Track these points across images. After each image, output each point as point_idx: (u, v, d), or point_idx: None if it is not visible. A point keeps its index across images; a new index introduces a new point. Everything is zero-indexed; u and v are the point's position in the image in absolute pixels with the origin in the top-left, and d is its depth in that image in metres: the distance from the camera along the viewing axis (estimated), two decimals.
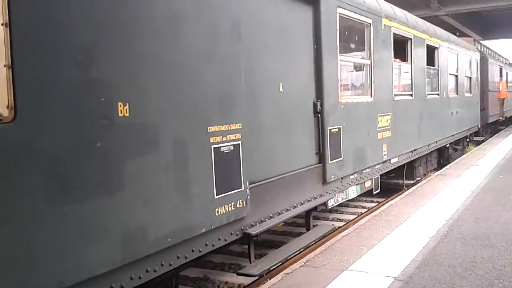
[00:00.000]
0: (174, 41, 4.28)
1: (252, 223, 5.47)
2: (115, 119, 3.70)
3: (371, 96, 8.82)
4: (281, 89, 6.18)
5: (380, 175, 9.60)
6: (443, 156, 15.41)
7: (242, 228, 5.29)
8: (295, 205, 6.41)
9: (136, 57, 3.90)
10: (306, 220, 7.03)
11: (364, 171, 8.64)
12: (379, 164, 9.32)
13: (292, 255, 6.04)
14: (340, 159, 7.56)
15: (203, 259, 5.99)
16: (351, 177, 8.18)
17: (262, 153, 5.76)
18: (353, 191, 8.38)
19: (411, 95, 11.11)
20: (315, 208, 6.97)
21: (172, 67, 4.24)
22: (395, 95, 9.99)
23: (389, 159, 9.85)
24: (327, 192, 7.32)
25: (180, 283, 6.22)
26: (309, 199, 6.77)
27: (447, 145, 15.29)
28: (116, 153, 3.72)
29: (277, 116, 6.08)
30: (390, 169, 10.05)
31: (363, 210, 10.48)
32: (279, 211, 6.02)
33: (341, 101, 7.64)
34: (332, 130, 7.34)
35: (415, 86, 11.28)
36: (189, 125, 4.42)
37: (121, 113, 3.74)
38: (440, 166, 14.66)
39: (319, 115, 7.03)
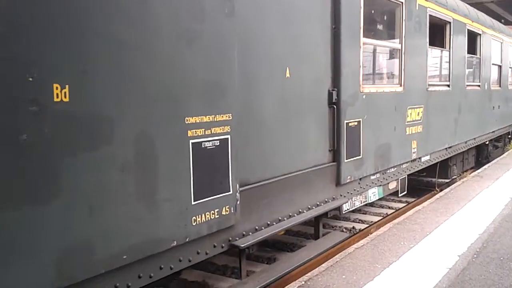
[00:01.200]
0: (138, 17, 3.42)
1: (244, 233, 4.62)
2: (49, 105, 2.89)
3: (401, 86, 7.76)
4: (287, 75, 5.25)
5: (408, 175, 8.56)
6: (481, 154, 14.12)
7: (230, 239, 4.45)
8: (301, 210, 5.51)
9: (80, 31, 3.06)
10: (315, 227, 6.13)
11: (388, 171, 7.64)
12: (406, 163, 8.27)
13: (292, 271, 5.17)
14: (358, 157, 6.59)
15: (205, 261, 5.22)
16: (372, 177, 7.19)
17: (260, 150, 4.88)
18: (374, 194, 7.40)
19: (448, 85, 9.94)
20: (325, 214, 6.05)
21: (134, 47, 3.39)
22: (429, 85, 8.86)
23: (419, 158, 8.78)
24: (341, 195, 6.38)
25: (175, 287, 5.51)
26: (318, 203, 5.86)
27: (487, 142, 13.98)
28: (50, 148, 2.91)
29: (281, 106, 5.17)
30: (419, 168, 8.97)
31: (389, 211, 9.48)
32: (280, 218, 5.14)
33: (363, 90, 6.64)
34: (350, 124, 6.37)
35: (453, 76, 10.08)
36: (158, 115, 3.58)
37: (57, 97, 2.93)
38: (478, 165, 13.42)
39: (335, 106, 6.07)
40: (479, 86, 12.08)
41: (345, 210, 6.60)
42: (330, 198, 6.13)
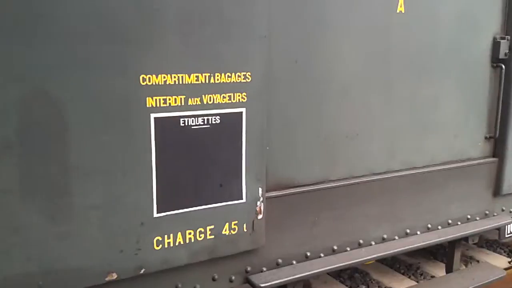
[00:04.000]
0: None
1: (279, 261, 2.93)
2: None
3: None
4: (398, 8, 3.14)
5: None
6: None
7: (248, 269, 2.82)
8: (408, 230, 3.45)
9: None
10: (448, 254, 3.94)
11: None
12: None
13: None
14: None
15: None
16: None
17: (322, 133, 3.02)
18: None
19: None
20: (466, 239, 3.79)
21: None
22: None
23: None
24: (503, 210, 3.97)
25: None
26: (451, 221, 3.66)
27: None
28: None
29: (381, 59, 3.14)
30: None
31: None
32: (360, 241, 3.24)
33: None
34: None
35: None
36: (68, 62, 2.13)
37: None
38: None
39: (503, 66, 3.63)
40: None
41: (510, 234, 4.14)
42: (480, 213, 3.82)
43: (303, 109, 2.91)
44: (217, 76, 2.49)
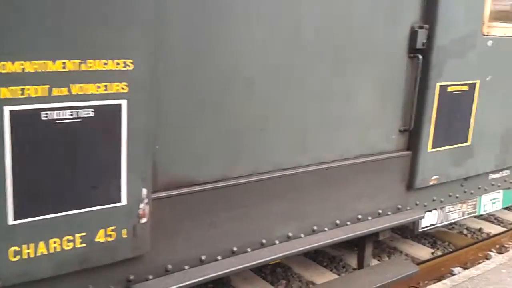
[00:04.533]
0: None
1: (169, 267, 2.67)
2: None
3: None
4: None
5: None
6: None
7: (130, 278, 2.55)
8: (315, 227, 3.30)
9: None
10: (359, 252, 3.84)
11: None
12: None
13: None
14: (463, 144, 3.93)
15: None
16: (492, 176, 4.43)
17: (233, 126, 2.76)
18: (494, 201, 4.64)
19: None
20: (376, 234, 3.69)
21: None
22: None
23: None
24: (416, 204, 3.90)
25: None
26: (361, 216, 3.54)
27: None
28: None
29: (284, 50, 2.88)
30: None
31: None
32: (263, 241, 3.04)
33: (489, 32, 3.81)
34: (451, 89, 3.70)
35: None
36: None
37: None
38: None
39: (420, 57, 3.48)
40: None
41: (425, 228, 4.10)
42: (392, 207, 3.72)
43: (202, 102, 2.63)
44: (90, 63, 2.15)
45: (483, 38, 3.78)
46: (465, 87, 3.78)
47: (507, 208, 6.90)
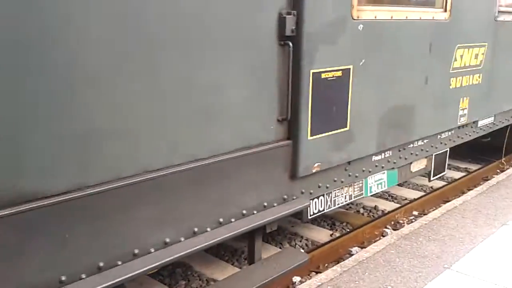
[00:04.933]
0: None
1: None
2: None
3: (445, 10, 4.78)
4: None
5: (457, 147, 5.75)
6: None
7: None
8: (196, 229, 3.12)
9: None
10: (249, 245, 3.73)
11: (409, 146, 4.90)
12: (448, 131, 5.43)
13: None
14: (342, 130, 3.96)
15: None
16: (376, 158, 4.54)
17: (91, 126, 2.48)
18: (379, 182, 4.76)
19: None
20: (263, 228, 3.60)
21: None
22: (500, 12, 5.70)
23: (474, 122, 5.85)
24: (302, 192, 3.86)
25: None
26: (245, 211, 3.42)
27: None
28: None
29: (132, 40, 2.65)
30: (473, 137, 6.06)
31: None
32: (135, 251, 2.81)
33: (359, 16, 3.85)
34: (325, 76, 3.69)
35: None
36: None
37: None
38: None
39: (291, 44, 3.41)
40: None
41: (313, 214, 4.10)
42: (278, 199, 3.65)
43: (35, 106, 2.32)
44: None
45: (353, 22, 3.81)
46: (339, 73, 3.79)
47: (400, 185, 7.26)
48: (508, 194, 5.19)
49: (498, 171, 7.79)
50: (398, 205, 6.60)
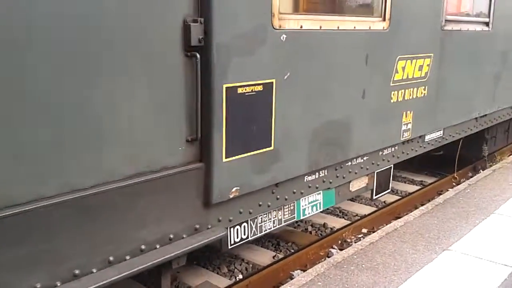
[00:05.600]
0: None
1: None
2: None
3: (384, 19, 4.48)
4: None
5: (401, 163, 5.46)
6: None
7: None
8: (77, 271, 2.68)
9: None
10: (155, 284, 3.30)
11: (347, 164, 4.57)
12: (390, 147, 5.13)
13: None
14: (267, 149, 3.58)
15: None
16: (308, 179, 4.18)
17: None
18: (314, 204, 4.41)
19: (487, 24, 6.41)
20: (169, 263, 3.18)
21: None
22: (447, 21, 5.45)
23: (420, 136, 5.58)
24: (219, 220, 3.46)
25: None
26: (143, 247, 2.99)
27: None
28: None
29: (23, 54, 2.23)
30: (419, 153, 5.79)
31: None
32: None
33: (281, 24, 3.49)
34: (242, 90, 3.31)
35: (497, 10, 6.50)
36: None
37: None
38: None
39: (198, 56, 3.02)
40: None
41: (235, 243, 3.70)
42: (188, 229, 3.23)
43: None
44: None
45: (274, 32, 3.44)
46: (259, 87, 3.41)
47: (352, 200, 6.97)
48: (453, 214, 4.91)
49: (454, 184, 7.60)
50: (348, 222, 6.30)
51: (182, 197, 3.15)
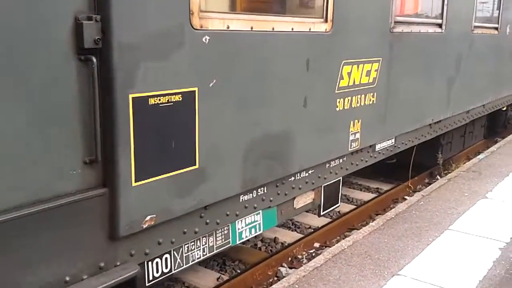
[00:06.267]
0: None
1: None
2: None
3: (326, 21, 4.06)
4: None
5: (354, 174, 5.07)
6: (497, 122, 10.50)
7: None
8: None
9: None
10: None
11: (288, 180, 4.12)
12: (338, 159, 4.72)
13: None
14: (190, 168, 3.08)
15: None
16: (244, 198, 3.71)
17: None
18: (252, 226, 3.93)
19: (440, 25, 6.13)
20: None
21: None
22: (396, 22, 5.10)
23: (370, 146, 5.21)
24: (132, 255, 2.93)
25: None
26: None
27: (504, 108, 10.21)
28: None
29: None
30: (370, 163, 5.41)
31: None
32: None
33: (202, 25, 3.01)
34: (154, 101, 2.80)
35: (450, 11, 6.24)
36: None
37: None
38: (494, 133, 10.32)
39: (95, 59, 2.50)
40: (496, 29, 8.16)
41: (156, 278, 3.17)
42: (89, 268, 2.69)
43: None
44: None
45: (194, 33, 2.95)
46: (178, 97, 2.91)
47: (307, 211, 6.56)
48: (405, 231, 4.54)
49: (410, 191, 7.33)
50: (300, 235, 5.89)
51: (80, 230, 2.61)
